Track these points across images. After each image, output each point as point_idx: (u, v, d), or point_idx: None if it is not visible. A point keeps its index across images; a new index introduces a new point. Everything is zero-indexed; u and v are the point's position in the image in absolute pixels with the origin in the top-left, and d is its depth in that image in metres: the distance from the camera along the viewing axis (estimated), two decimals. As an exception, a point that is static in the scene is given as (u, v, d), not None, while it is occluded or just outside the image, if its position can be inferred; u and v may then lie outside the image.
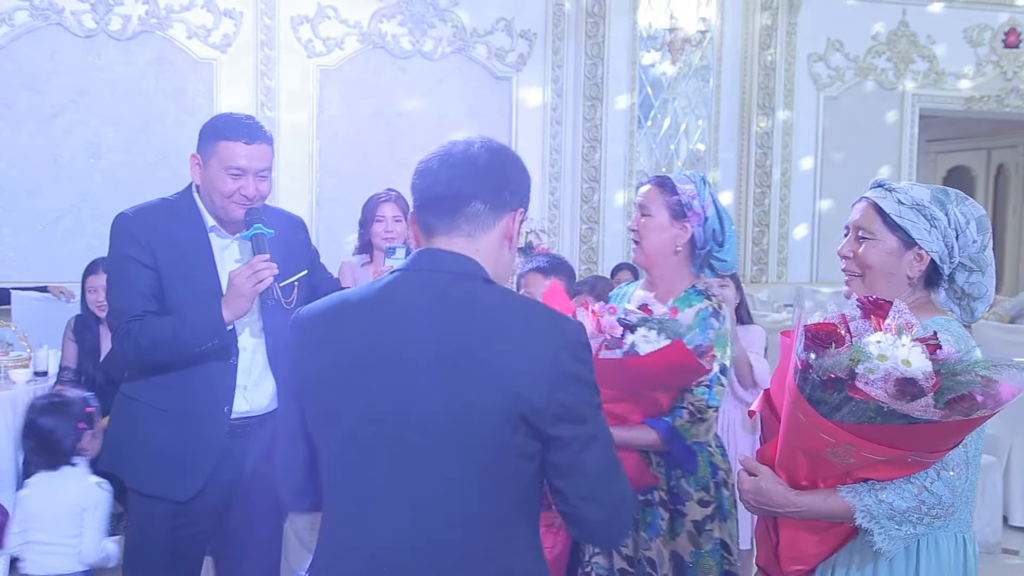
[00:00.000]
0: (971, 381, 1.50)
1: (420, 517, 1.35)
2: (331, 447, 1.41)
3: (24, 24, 5.60)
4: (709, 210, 2.27)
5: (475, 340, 1.33)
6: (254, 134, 2.32)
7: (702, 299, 2.27)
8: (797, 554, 1.72)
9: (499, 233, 1.44)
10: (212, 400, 2.33)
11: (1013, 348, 4.89)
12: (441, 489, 1.34)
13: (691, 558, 2.22)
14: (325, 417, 1.41)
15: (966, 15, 7.30)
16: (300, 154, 6.12)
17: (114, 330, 2.32)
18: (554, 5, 6.46)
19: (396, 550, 1.36)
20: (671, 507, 2.24)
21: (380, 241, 3.61)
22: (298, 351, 1.45)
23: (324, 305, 1.46)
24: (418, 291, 1.39)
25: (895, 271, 1.77)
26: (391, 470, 1.35)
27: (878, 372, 1.49)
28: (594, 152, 6.48)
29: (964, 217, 1.74)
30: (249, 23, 5.98)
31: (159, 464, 2.31)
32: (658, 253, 2.29)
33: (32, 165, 5.65)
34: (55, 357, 4.16)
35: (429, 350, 1.33)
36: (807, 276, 7.05)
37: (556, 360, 1.32)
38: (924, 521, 1.60)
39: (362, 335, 1.38)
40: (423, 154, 1.53)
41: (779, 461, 1.70)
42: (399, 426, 1.34)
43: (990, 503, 4.40)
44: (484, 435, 1.32)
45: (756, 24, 6.74)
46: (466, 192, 1.41)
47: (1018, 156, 9.29)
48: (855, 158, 7.13)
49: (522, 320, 1.37)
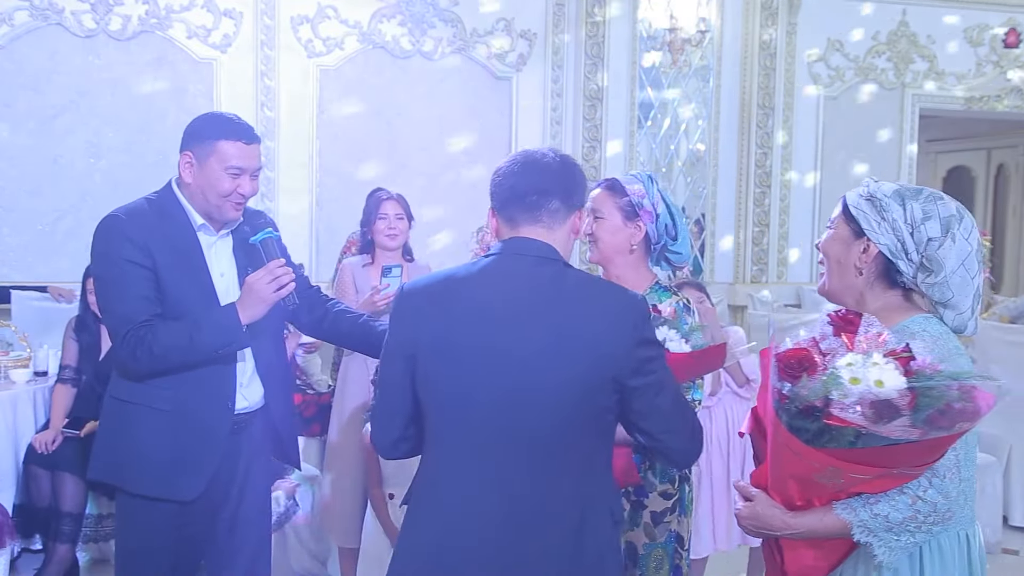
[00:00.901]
0: (945, 394, 1.48)
1: (514, 467, 1.61)
2: (440, 403, 1.67)
3: (24, 24, 5.60)
4: (659, 207, 2.33)
5: (566, 313, 1.63)
6: (251, 134, 2.35)
7: (670, 295, 2.32)
8: (803, 570, 1.71)
9: (569, 226, 1.75)
10: (216, 398, 2.34)
11: (1013, 348, 4.89)
12: (534, 440, 1.61)
13: (644, 549, 2.27)
14: (436, 378, 1.67)
15: (966, 15, 7.30)
16: (300, 154, 6.12)
17: (119, 336, 2.26)
18: (554, 5, 6.45)
19: (489, 497, 1.62)
20: (633, 498, 2.28)
21: (383, 239, 3.61)
22: (411, 319, 1.70)
23: (429, 280, 1.74)
24: (513, 271, 1.68)
25: (844, 260, 1.76)
26: (492, 423, 1.62)
27: (852, 396, 1.48)
28: (594, 152, 6.48)
29: (924, 213, 1.69)
30: (249, 23, 5.98)
31: (162, 465, 2.29)
32: (613, 252, 2.33)
33: (32, 165, 5.65)
34: (55, 357, 4.16)
35: (528, 320, 1.62)
36: (807, 276, 7.05)
37: (635, 327, 1.64)
38: (922, 529, 1.59)
39: (469, 306, 1.66)
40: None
41: (771, 484, 1.70)
42: (501, 385, 1.61)
43: (990, 503, 4.40)
44: (577, 391, 1.60)
45: (756, 24, 6.74)
46: (548, 191, 1.71)
47: (1018, 156, 9.29)
48: (855, 158, 7.13)
49: (602, 296, 1.69)
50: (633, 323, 1.64)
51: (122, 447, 2.34)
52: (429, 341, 1.68)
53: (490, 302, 1.65)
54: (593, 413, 1.64)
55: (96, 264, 2.34)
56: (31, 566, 3.86)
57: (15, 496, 3.85)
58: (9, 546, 3.60)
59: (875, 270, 1.74)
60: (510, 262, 1.70)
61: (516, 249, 1.71)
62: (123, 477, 2.35)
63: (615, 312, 1.65)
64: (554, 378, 1.60)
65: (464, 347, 1.64)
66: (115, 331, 2.28)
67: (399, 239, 3.64)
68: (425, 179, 6.12)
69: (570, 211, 1.75)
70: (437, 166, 6.21)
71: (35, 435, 3.87)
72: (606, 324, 1.63)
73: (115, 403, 2.37)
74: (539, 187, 1.71)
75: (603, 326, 1.62)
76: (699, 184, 6.73)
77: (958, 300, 1.69)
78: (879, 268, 1.74)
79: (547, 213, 1.71)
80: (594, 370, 1.61)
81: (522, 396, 1.61)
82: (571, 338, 1.60)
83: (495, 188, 1.76)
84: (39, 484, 3.78)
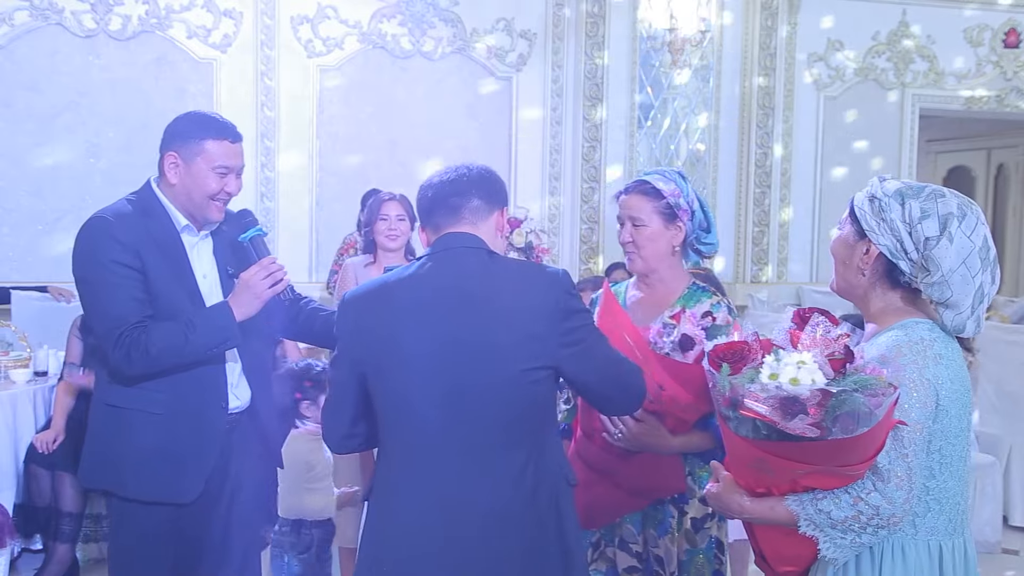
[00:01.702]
0: (851, 398, 1.50)
1: (467, 454, 1.72)
2: (388, 401, 1.77)
3: (24, 24, 5.60)
4: (694, 204, 2.28)
5: (495, 298, 1.74)
6: (235, 132, 2.36)
7: (709, 295, 2.27)
8: (779, 555, 1.75)
9: (494, 223, 1.86)
10: (210, 398, 2.33)
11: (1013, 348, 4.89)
12: (483, 425, 1.72)
13: (685, 556, 2.23)
14: (382, 378, 1.77)
15: (966, 15, 7.30)
16: (300, 154, 6.12)
17: (112, 339, 2.21)
18: (554, 5, 6.45)
19: (442, 489, 1.72)
20: (679, 504, 2.25)
21: (384, 240, 3.61)
22: (352, 325, 1.81)
23: (367, 286, 1.85)
24: (442, 266, 1.78)
25: (848, 262, 1.77)
26: (440, 416, 1.71)
27: (768, 391, 1.54)
28: (594, 152, 6.48)
29: (922, 212, 1.66)
30: (249, 23, 5.98)
31: (159, 468, 2.27)
32: (657, 259, 2.27)
33: (32, 165, 5.65)
34: (55, 357, 4.16)
35: (460, 312, 1.72)
36: (807, 276, 7.05)
37: (557, 301, 1.75)
38: (867, 531, 1.60)
39: (405, 306, 1.76)
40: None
41: (729, 468, 1.76)
42: (444, 377, 1.71)
43: (990, 503, 4.39)
44: (514, 371, 1.71)
45: (756, 24, 6.74)
46: (466, 192, 1.83)
47: (1018, 156, 9.29)
48: (855, 158, 7.13)
49: (524, 276, 1.81)
50: (555, 298, 1.75)
51: (116, 452, 2.30)
52: (371, 344, 1.78)
53: (425, 300, 1.75)
54: (532, 389, 1.74)
55: (82, 266, 2.28)
56: (31, 566, 3.86)
57: (15, 496, 3.85)
58: (9, 546, 3.60)
59: (877, 271, 1.73)
60: (439, 258, 1.80)
61: (443, 245, 1.81)
62: (118, 482, 2.31)
63: (538, 290, 1.75)
64: (491, 362, 1.71)
65: (404, 346, 1.74)
66: (107, 334, 2.23)
67: (400, 240, 3.63)
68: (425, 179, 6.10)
69: (492, 208, 1.85)
70: (437, 166, 6.19)
71: (35, 435, 3.87)
72: (531, 303, 1.74)
73: (107, 409, 2.32)
74: (457, 190, 1.84)
75: (529, 305, 1.73)
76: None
77: (958, 299, 1.67)
78: (881, 269, 1.73)
79: (469, 211, 1.83)
80: (526, 348, 1.72)
81: (465, 383, 1.72)
82: (501, 321, 1.72)
83: (418, 204, 1.90)
84: (39, 484, 3.78)
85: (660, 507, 2.25)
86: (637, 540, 2.27)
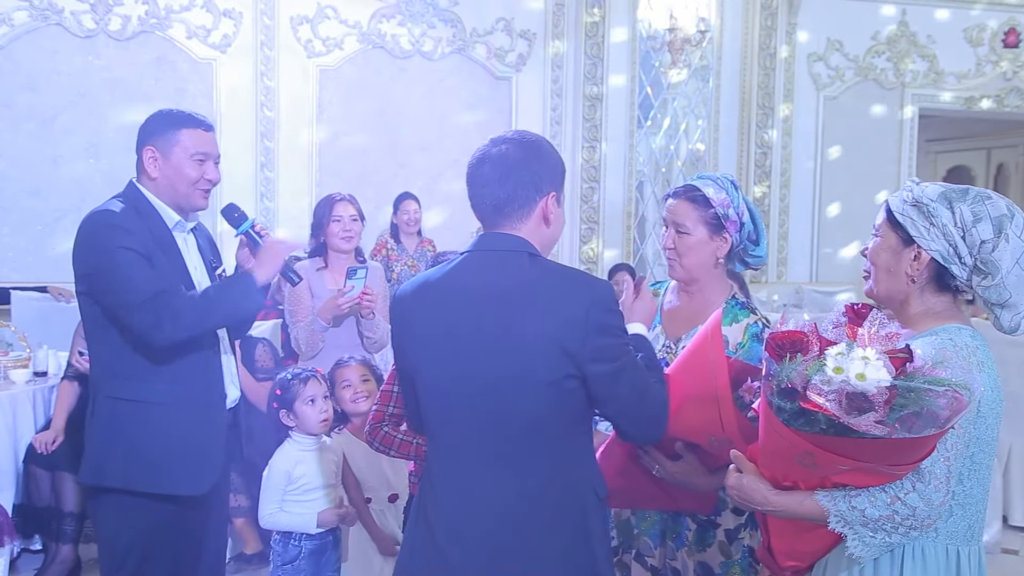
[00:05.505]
0: (923, 398, 1.47)
1: (497, 456, 1.71)
2: (429, 397, 1.79)
3: (24, 24, 5.61)
4: (744, 215, 2.18)
5: (528, 303, 1.70)
6: (207, 122, 2.40)
7: (748, 314, 2.18)
8: (789, 550, 1.73)
9: (537, 216, 1.79)
10: (211, 389, 2.36)
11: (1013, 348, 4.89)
12: (513, 428, 1.70)
13: (720, 568, 2.17)
14: (423, 375, 1.79)
15: (966, 15, 7.30)
16: (300, 154, 6.12)
17: (138, 304, 2.17)
18: (554, 5, 6.46)
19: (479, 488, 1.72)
20: (701, 518, 2.19)
21: (338, 242, 3.48)
22: (398, 322, 1.83)
23: (413, 283, 1.86)
24: (480, 267, 1.76)
25: (895, 269, 1.73)
26: (473, 415, 1.72)
27: (833, 385, 1.49)
28: (594, 152, 6.48)
29: (974, 216, 1.63)
30: (249, 23, 5.98)
31: (174, 460, 2.26)
32: (699, 268, 2.19)
33: (32, 165, 5.65)
34: (55, 357, 4.15)
35: (492, 313, 1.71)
36: (807, 276, 7.05)
37: (589, 315, 1.67)
38: (899, 531, 1.59)
39: (443, 303, 1.76)
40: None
41: (760, 460, 1.71)
42: (475, 376, 1.71)
43: (990, 503, 4.38)
44: (543, 379, 1.68)
45: (756, 24, 6.74)
46: (502, 197, 1.77)
47: (1018, 156, 9.29)
48: (855, 158, 7.14)
49: (562, 284, 1.73)
50: (587, 311, 1.68)
51: (123, 446, 2.28)
52: (407, 341, 1.81)
53: (457, 301, 1.74)
54: (560, 399, 1.70)
55: (93, 258, 2.25)
56: (31, 566, 3.86)
57: (15, 496, 3.84)
58: (9, 546, 3.60)
59: (926, 276, 1.71)
60: (476, 258, 1.78)
61: (485, 245, 1.79)
62: (127, 477, 2.28)
63: (573, 302, 1.69)
64: (518, 368, 1.68)
65: (433, 346, 1.76)
66: (133, 300, 2.18)
67: (354, 241, 3.52)
68: (425, 179, 6.12)
69: (537, 198, 1.79)
70: (437, 166, 6.21)
71: (35, 435, 3.87)
72: (564, 312, 1.68)
73: (111, 402, 2.30)
74: (496, 193, 1.77)
75: (561, 314, 1.68)
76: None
77: (1016, 300, 1.66)
78: (930, 274, 1.70)
79: (509, 209, 1.78)
80: (554, 358, 1.67)
81: (491, 387, 1.70)
82: (532, 327, 1.67)
83: (468, 189, 1.85)
84: (39, 484, 3.78)
85: (677, 519, 2.21)
86: (654, 554, 2.24)
